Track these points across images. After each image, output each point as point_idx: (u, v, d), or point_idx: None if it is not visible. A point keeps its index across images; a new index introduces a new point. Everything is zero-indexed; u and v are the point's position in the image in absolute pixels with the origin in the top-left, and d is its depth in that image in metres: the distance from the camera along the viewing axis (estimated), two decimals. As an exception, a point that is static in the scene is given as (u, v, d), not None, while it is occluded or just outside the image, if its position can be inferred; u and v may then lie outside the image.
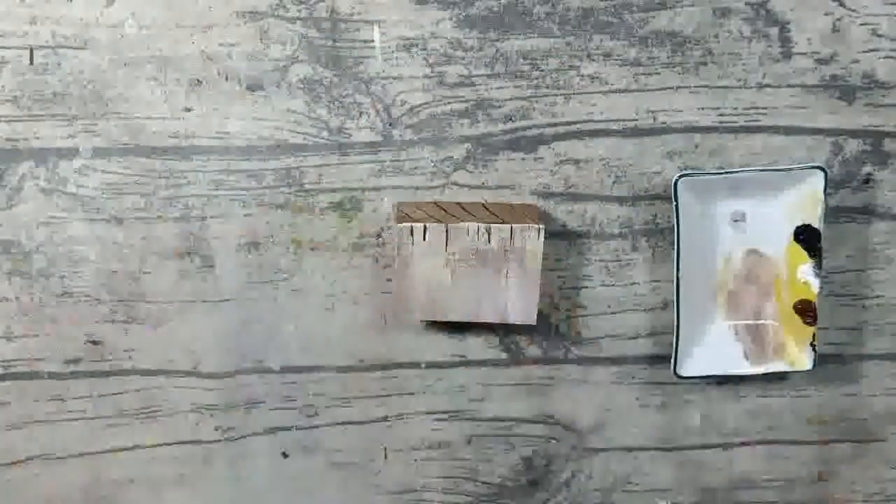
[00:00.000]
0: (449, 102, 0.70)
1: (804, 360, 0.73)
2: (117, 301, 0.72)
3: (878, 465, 0.80)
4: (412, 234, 0.66)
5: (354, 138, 0.70)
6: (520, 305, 0.69)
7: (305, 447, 0.76)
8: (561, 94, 0.71)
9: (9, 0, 0.67)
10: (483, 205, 0.69)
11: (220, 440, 0.75)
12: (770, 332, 0.75)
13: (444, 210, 0.68)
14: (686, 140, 0.72)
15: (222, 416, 0.75)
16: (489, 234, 0.66)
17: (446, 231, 0.66)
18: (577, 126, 0.72)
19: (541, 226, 0.66)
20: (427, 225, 0.66)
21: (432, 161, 0.71)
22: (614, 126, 0.72)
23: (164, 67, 0.69)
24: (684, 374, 0.73)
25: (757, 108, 0.72)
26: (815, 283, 0.72)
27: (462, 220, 0.67)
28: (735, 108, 0.72)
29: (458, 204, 0.69)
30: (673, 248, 0.71)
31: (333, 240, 0.71)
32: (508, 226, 0.67)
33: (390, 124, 0.70)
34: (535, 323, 0.70)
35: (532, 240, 0.66)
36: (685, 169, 0.72)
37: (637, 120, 0.72)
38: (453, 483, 0.77)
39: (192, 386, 0.73)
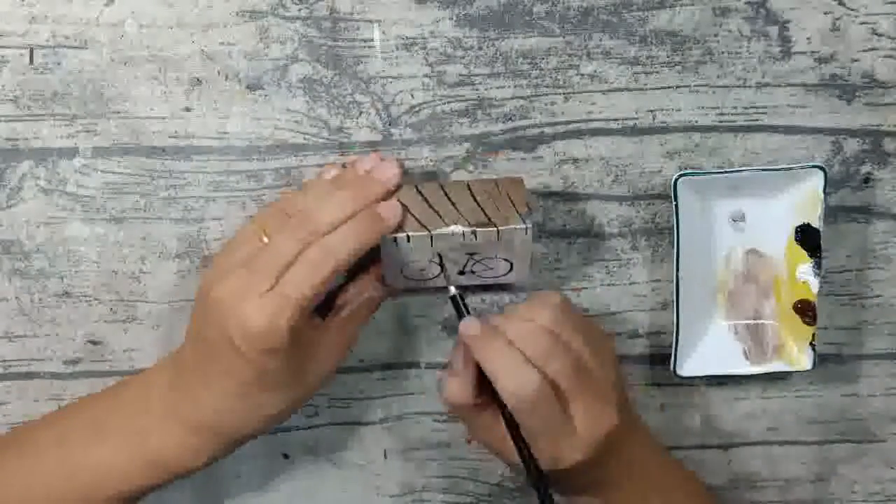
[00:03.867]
0: (449, 102, 0.70)
1: (804, 360, 0.73)
2: (117, 301, 0.72)
3: (878, 465, 0.80)
4: (396, 242, 0.65)
5: (354, 137, 0.70)
6: (512, 272, 0.69)
7: (306, 447, 0.76)
8: (560, 94, 0.71)
9: (9, -1, 0.67)
10: (468, 187, 0.66)
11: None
12: (770, 331, 0.75)
13: (427, 201, 0.66)
14: (685, 139, 0.72)
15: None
16: (475, 236, 0.65)
17: (430, 238, 0.65)
18: (577, 125, 0.72)
19: (528, 225, 0.65)
20: (410, 234, 0.65)
21: (432, 160, 0.71)
22: (614, 125, 0.72)
23: (164, 67, 0.69)
24: (684, 374, 0.73)
25: (757, 107, 0.72)
26: (814, 283, 0.72)
27: (446, 219, 0.65)
28: (735, 108, 0.72)
29: (442, 189, 0.66)
30: (672, 248, 0.71)
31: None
32: (494, 229, 0.65)
33: (390, 123, 0.70)
34: (526, 280, 0.70)
35: (520, 235, 0.65)
36: (685, 168, 0.72)
37: (637, 119, 0.72)
38: (453, 483, 0.77)
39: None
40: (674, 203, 0.70)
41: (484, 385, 0.65)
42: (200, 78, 0.69)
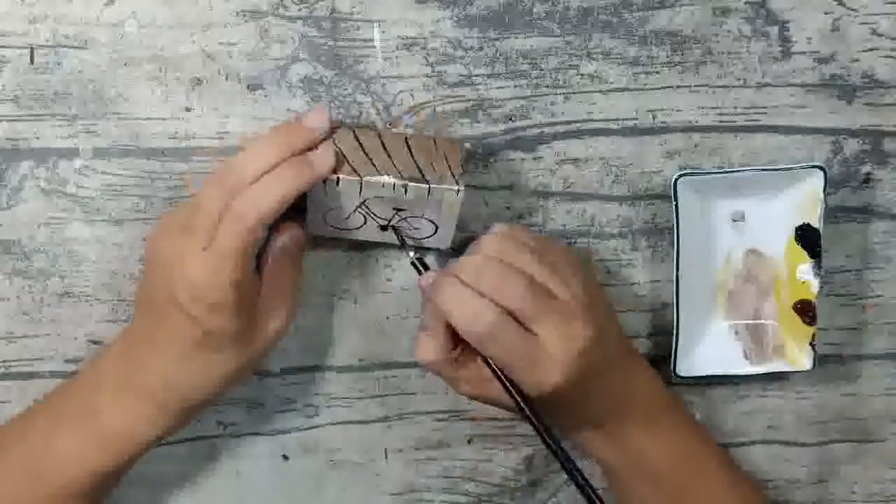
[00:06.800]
0: (449, 102, 0.71)
1: (804, 360, 0.73)
2: (118, 301, 0.72)
3: (878, 465, 0.80)
4: (325, 184, 0.64)
5: (354, 137, 0.70)
6: (436, 235, 0.68)
7: (306, 448, 0.76)
8: (560, 94, 0.71)
9: (9, -1, 0.67)
10: (406, 141, 0.66)
11: (221, 434, 0.75)
12: (770, 331, 0.75)
13: (362, 148, 0.65)
14: (686, 139, 0.72)
15: (223, 415, 0.74)
16: (406, 189, 0.64)
17: (361, 184, 0.64)
18: (577, 125, 0.72)
19: (460, 187, 0.64)
20: (340, 177, 0.64)
21: (432, 160, 0.71)
22: (614, 125, 0.72)
23: (165, 67, 0.69)
24: (684, 374, 0.73)
25: (757, 107, 0.72)
26: (814, 283, 0.72)
27: (379, 168, 0.64)
28: (735, 108, 0.72)
29: (380, 138, 0.66)
30: (672, 248, 0.71)
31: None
32: (426, 186, 0.64)
33: (390, 123, 0.70)
34: (448, 248, 0.69)
35: (450, 197, 0.65)
36: (685, 168, 0.73)
37: (637, 119, 0.72)
38: (453, 483, 0.77)
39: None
40: (674, 203, 0.70)
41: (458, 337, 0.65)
42: (201, 78, 0.69)
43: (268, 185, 0.61)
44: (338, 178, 0.64)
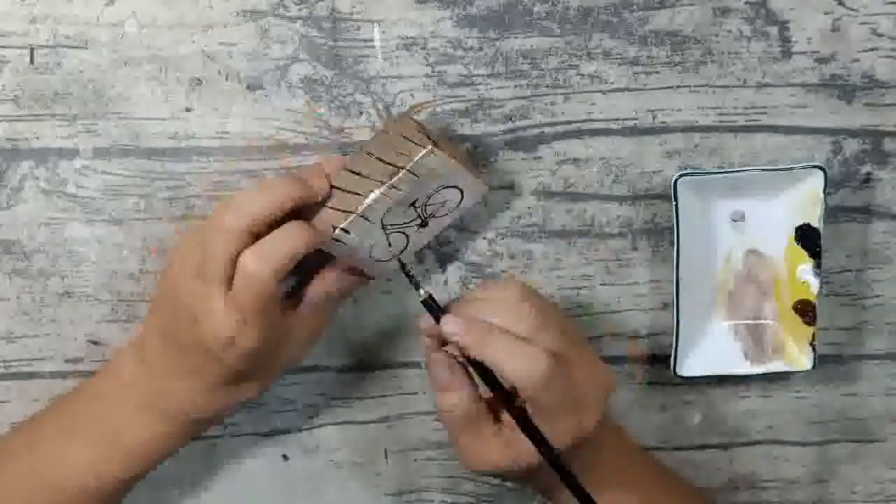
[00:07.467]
0: (449, 102, 0.71)
1: (804, 360, 0.73)
2: (117, 301, 0.72)
3: (878, 465, 0.80)
4: (341, 242, 0.65)
5: (355, 137, 0.70)
6: (466, 193, 0.67)
7: (306, 448, 0.76)
8: (560, 94, 0.71)
9: (9, -1, 0.67)
10: (366, 152, 0.66)
11: (222, 434, 0.75)
12: (770, 331, 0.75)
13: (340, 189, 0.65)
14: (686, 139, 0.72)
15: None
16: (397, 188, 0.64)
17: (363, 216, 0.64)
18: (577, 125, 0.72)
19: (427, 146, 0.63)
20: (345, 227, 0.64)
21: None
22: (614, 125, 0.72)
23: (165, 67, 0.69)
24: (684, 374, 0.73)
25: (757, 107, 0.72)
26: (814, 283, 0.72)
27: (363, 193, 0.64)
28: (735, 108, 0.72)
29: (350, 171, 0.65)
30: (672, 248, 0.71)
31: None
32: (405, 172, 0.63)
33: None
34: (487, 189, 0.68)
35: (431, 160, 0.64)
36: (685, 168, 0.73)
37: (637, 119, 0.72)
38: (453, 483, 0.77)
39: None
40: (674, 203, 0.70)
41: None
42: (201, 78, 0.69)
43: (276, 243, 0.62)
44: (341, 229, 0.64)
